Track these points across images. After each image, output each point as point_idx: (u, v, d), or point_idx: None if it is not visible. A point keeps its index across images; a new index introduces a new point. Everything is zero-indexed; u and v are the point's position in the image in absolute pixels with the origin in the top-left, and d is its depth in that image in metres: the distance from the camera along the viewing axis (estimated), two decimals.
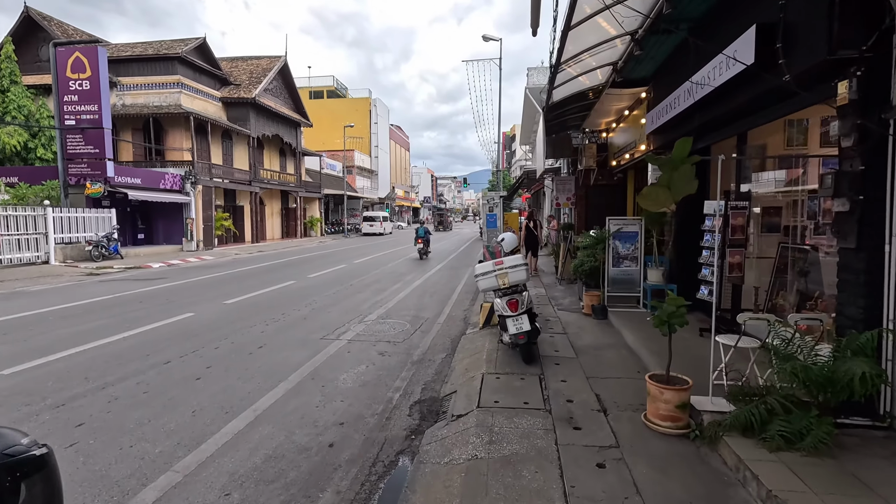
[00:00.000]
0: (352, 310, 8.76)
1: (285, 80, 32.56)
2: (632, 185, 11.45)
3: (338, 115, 49.36)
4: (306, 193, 36.15)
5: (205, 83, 26.19)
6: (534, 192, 31.00)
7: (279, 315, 8.29)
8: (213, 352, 6.11)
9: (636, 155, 8.82)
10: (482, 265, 5.11)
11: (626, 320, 6.74)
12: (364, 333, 7.10)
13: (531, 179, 23.81)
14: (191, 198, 22.79)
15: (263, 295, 10.40)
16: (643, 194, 3.54)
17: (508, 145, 59.85)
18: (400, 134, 70.06)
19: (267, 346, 6.38)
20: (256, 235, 29.15)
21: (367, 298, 9.96)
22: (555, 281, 11.55)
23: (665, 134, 6.80)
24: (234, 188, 27.37)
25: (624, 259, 7.55)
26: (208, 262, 18.09)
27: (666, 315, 3.57)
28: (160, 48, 24.87)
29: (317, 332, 7.17)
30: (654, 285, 7.24)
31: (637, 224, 7.46)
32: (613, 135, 11.14)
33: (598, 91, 8.44)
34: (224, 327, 7.38)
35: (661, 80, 7.07)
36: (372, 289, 11.22)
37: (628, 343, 5.87)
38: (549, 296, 9.60)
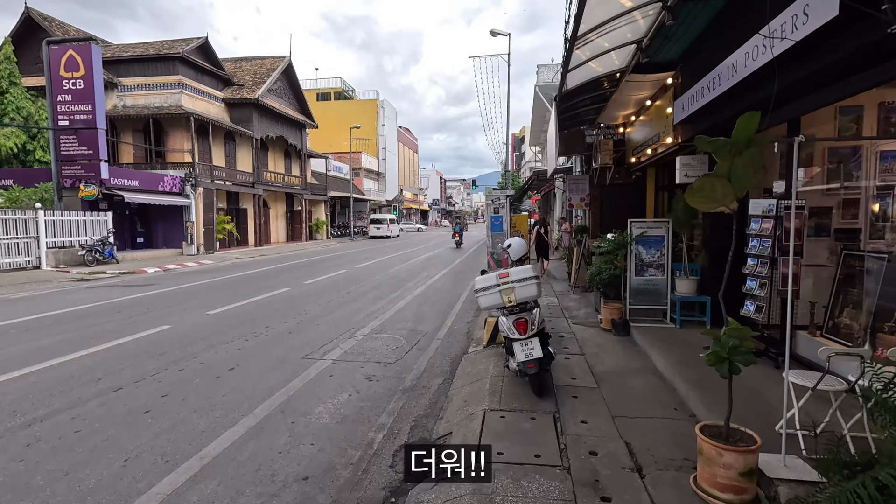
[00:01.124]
0: (343, 322, 7.93)
1: (290, 80, 32.00)
2: (652, 184, 10.51)
3: (345, 116, 48.80)
4: (312, 196, 35.55)
5: (207, 84, 25.66)
6: (544, 194, 30.06)
7: (262, 328, 7.49)
8: (175, 375, 5.31)
9: (659, 150, 7.90)
10: (483, 278, 4.24)
11: (653, 338, 5.83)
12: (352, 352, 6.26)
13: (541, 180, 22.88)
14: (191, 200, 22.20)
15: (251, 304, 9.62)
16: (693, 189, 2.66)
17: (518, 147, 58.93)
18: (408, 136, 69.42)
19: (239, 368, 5.57)
20: (260, 239, 28.54)
21: (362, 308, 9.13)
22: (568, 288, 10.64)
23: (697, 122, 5.89)
24: (236, 191, 26.79)
25: (648, 267, 6.64)
26: (206, 267, 17.42)
27: (726, 350, 2.69)
28: (161, 48, 24.38)
29: (300, 349, 6.35)
30: (684, 297, 6.32)
31: (663, 227, 6.56)
32: (631, 129, 10.21)
33: (616, 79, 7.55)
34: (197, 343, 6.60)
35: (691, 62, 6.17)
36: (369, 297, 10.40)
37: (658, 368, 4.96)
38: (563, 306, 8.70)
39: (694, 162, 6.37)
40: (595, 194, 11.79)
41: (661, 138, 7.62)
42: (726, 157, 2.60)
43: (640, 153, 9.14)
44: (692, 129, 6.13)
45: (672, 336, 5.93)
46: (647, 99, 8.24)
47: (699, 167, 6.35)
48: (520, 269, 4.15)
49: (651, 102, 8.23)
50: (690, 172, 6.39)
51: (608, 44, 6.20)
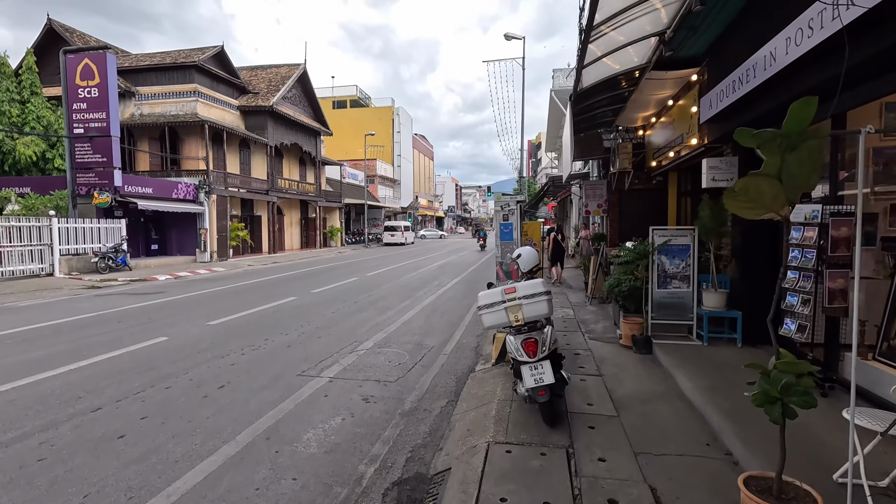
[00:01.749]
0: (346, 335, 7.56)
1: (305, 88, 32.08)
2: (674, 189, 9.95)
3: (360, 124, 48.93)
4: (326, 203, 35.51)
5: (222, 91, 25.81)
6: (560, 200, 29.49)
7: (261, 341, 7.15)
8: (161, 393, 4.98)
9: (682, 152, 7.38)
10: (487, 293, 3.80)
11: (678, 357, 5.31)
12: (352, 368, 5.87)
13: (557, 186, 22.34)
14: (204, 207, 22.22)
15: (255, 314, 9.32)
16: (735, 192, 2.21)
17: (534, 153, 58.37)
18: (423, 143, 69.41)
19: (230, 386, 5.21)
20: (274, 246, 28.50)
21: (368, 319, 8.75)
22: (584, 299, 10.12)
23: (726, 121, 5.39)
24: (251, 198, 26.81)
25: (672, 278, 6.12)
26: (217, 275, 17.30)
27: (778, 388, 2.21)
28: (178, 57, 24.60)
29: (297, 365, 5.98)
30: (711, 312, 5.78)
31: (689, 235, 6.04)
32: (651, 132, 9.69)
33: (635, 78, 7.08)
34: (191, 357, 6.28)
35: (719, 55, 5.68)
36: (377, 307, 10.02)
37: (685, 393, 4.45)
38: (579, 318, 8.19)
39: (722, 164, 5.85)
40: (613, 200, 11.27)
41: (684, 140, 7.11)
42: (775, 152, 2.14)
43: (662, 156, 8.61)
44: (720, 128, 5.62)
45: (699, 355, 5.39)
46: (668, 98, 7.74)
47: (728, 170, 5.83)
48: (529, 284, 3.69)
49: (673, 102, 7.72)
50: (718, 176, 5.87)
51: (625, 38, 5.75)
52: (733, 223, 5.93)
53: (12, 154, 20.52)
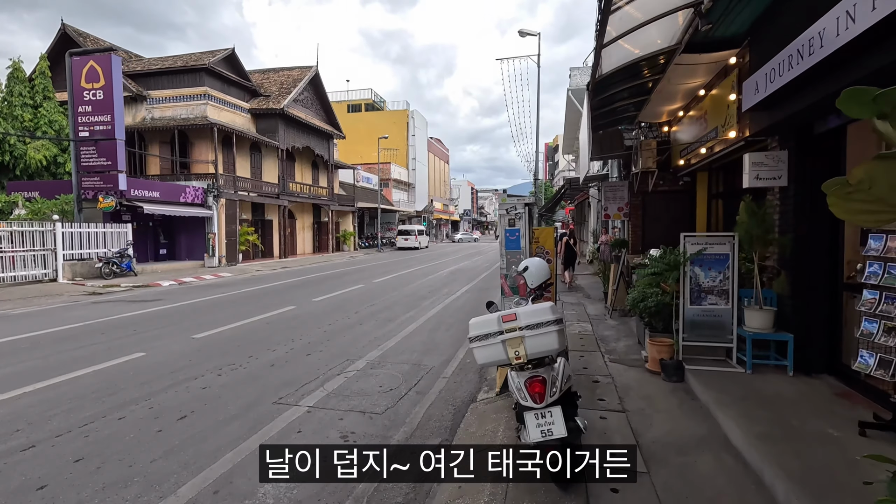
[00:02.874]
0: (339, 352, 6.85)
1: (317, 91, 31.74)
2: (704, 191, 9.03)
3: (375, 127, 48.53)
4: (339, 207, 35.10)
5: (233, 94, 25.55)
6: (577, 204, 28.49)
7: (244, 359, 6.49)
8: (110, 426, 4.32)
9: (717, 148, 6.51)
10: (479, 320, 3.01)
11: (717, 388, 4.45)
12: (336, 395, 5.14)
13: (574, 189, 21.41)
14: (213, 212, 21.88)
15: (246, 326, 8.68)
16: (849, 186, 1.36)
17: (551, 156, 57.31)
18: (439, 146, 68.86)
19: (193, 416, 4.54)
20: (285, 250, 28.12)
21: (366, 333, 8.04)
22: (604, 311, 9.25)
23: (777, 107, 4.54)
24: (261, 202, 26.48)
25: (708, 293, 5.25)
26: (223, 280, 16.84)
27: None
28: (189, 60, 24.42)
29: (276, 390, 5.28)
30: (756, 333, 4.91)
31: (727, 243, 5.17)
32: (678, 128, 8.81)
33: (661, 65, 6.24)
34: (161, 379, 5.63)
35: (766, 31, 4.82)
36: (378, 318, 9.31)
37: (732, 440, 3.60)
38: (598, 335, 7.34)
39: (768, 160, 4.99)
40: (635, 203, 10.38)
41: (719, 134, 6.24)
42: None
43: (691, 154, 7.73)
44: (767, 117, 4.76)
45: (743, 386, 4.53)
46: (699, 88, 6.87)
47: (775, 166, 4.96)
48: (533, 310, 2.89)
49: (706, 92, 6.85)
50: (764, 174, 5.00)
51: (650, 14, 4.94)
52: (781, 229, 5.05)
53: (23, 158, 20.47)
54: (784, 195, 5.04)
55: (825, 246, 4.71)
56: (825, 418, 3.69)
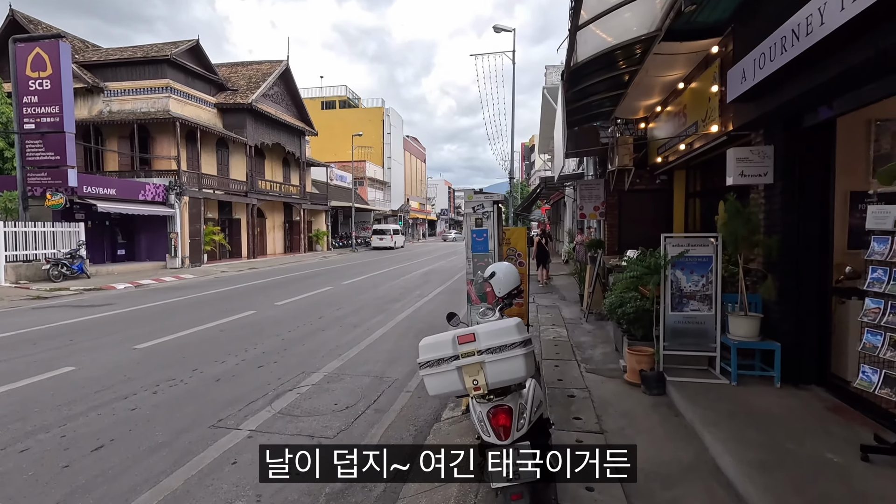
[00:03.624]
0: (296, 364, 6.28)
1: (288, 86, 30.76)
2: (681, 190, 8.76)
3: (350, 125, 47.60)
4: (311, 206, 34.18)
5: (198, 88, 24.46)
6: (553, 203, 28.36)
7: (188, 373, 5.86)
8: (8, 460, 3.67)
9: (696, 144, 6.18)
10: (430, 341, 2.45)
11: (704, 404, 4.08)
12: (285, 414, 4.59)
13: (549, 188, 21.17)
14: (175, 210, 20.83)
15: (198, 334, 8.01)
16: None
17: (527, 156, 57.36)
18: (415, 145, 68.21)
19: (112, 446, 3.92)
20: (254, 251, 27.12)
21: (328, 341, 7.47)
22: (580, 314, 8.89)
23: (760, 100, 4.19)
24: (229, 200, 25.45)
25: (690, 299, 4.89)
26: (184, 283, 15.95)
27: None
28: (149, 51, 23.26)
29: (217, 410, 4.70)
30: (742, 342, 4.56)
31: (710, 245, 4.82)
32: (655, 124, 8.51)
33: (638, 56, 5.88)
34: (85, 399, 4.97)
35: (752, 16, 4.47)
36: (343, 324, 8.74)
37: (723, 468, 3.20)
38: (574, 341, 6.95)
39: (754, 155, 4.64)
40: (611, 202, 10.06)
41: (699, 128, 5.91)
42: None
43: (669, 151, 7.42)
44: (753, 108, 4.41)
45: (730, 401, 4.17)
46: (679, 81, 6.54)
47: (761, 162, 4.62)
48: (495, 329, 2.36)
49: (685, 85, 6.53)
50: (749, 170, 4.66)
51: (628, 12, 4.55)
52: (767, 229, 4.72)
53: None
54: (770, 193, 4.71)
55: (815, 247, 4.39)
56: (821, 440, 3.34)
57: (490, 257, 4.30)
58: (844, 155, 4.27)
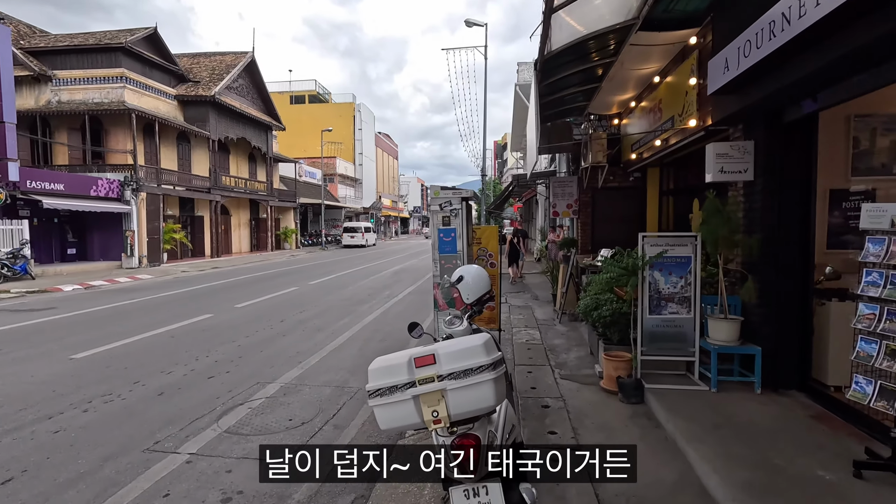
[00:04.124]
0: (250, 374, 5.79)
1: (253, 79, 29.71)
2: (655, 188, 8.62)
3: (320, 120, 46.48)
4: (279, 203, 33.17)
5: (156, 79, 23.27)
6: (525, 201, 28.32)
7: (128, 386, 5.31)
8: None
9: (672, 140, 5.98)
10: (381, 364, 2.02)
11: (683, 413, 3.84)
12: (233, 433, 4.14)
13: (522, 186, 21.03)
14: (131, 207, 19.74)
15: (146, 340, 7.40)
16: None
17: (500, 154, 57.43)
18: (387, 142, 67.39)
19: (21, 479, 3.40)
20: (218, 249, 26.07)
21: (288, 347, 7.00)
22: (553, 316, 8.66)
23: (742, 92, 3.96)
24: (190, 196, 24.37)
25: (668, 301, 4.66)
26: (139, 284, 15.05)
27: None
28: (103, 38, 21.95)
29: (155, 429, 4.20)
30: (722, 347, 4.35)
31: (690, 244, 4.59)
32: (629, 120, 8.33)
33: (612, 49, 5.63)
34: (3, 420, 4.39)
35: (733, 6, 4.25)
36: (306, 328, 8.26)
37: (709, 489, 2.94)
38: (547, 344, 6.68)
39: (734, 151, 4.44)
40: (585, 200, 9.87)
41: (676, 123, 5.70)
42: None
43: (643, 147, 7.23)
44: (736, 101, 4.20)
45: (711, 409, 3.94)
46: (654, 74, 6.33)
47: (741, 158, 4.42)
48: (459, 349, 1.96)
49: (660, 79, 6.32)
50: (729, 166, 4.45)
51: None
52: (747, 228, 4.52)
53: None
54: (750, 191, 4.52)
55: (796, 247, 4.21)
56: (811, 454, 3.13)
57: (458, 258, 3.96)
58: (826, 150, 4.11)
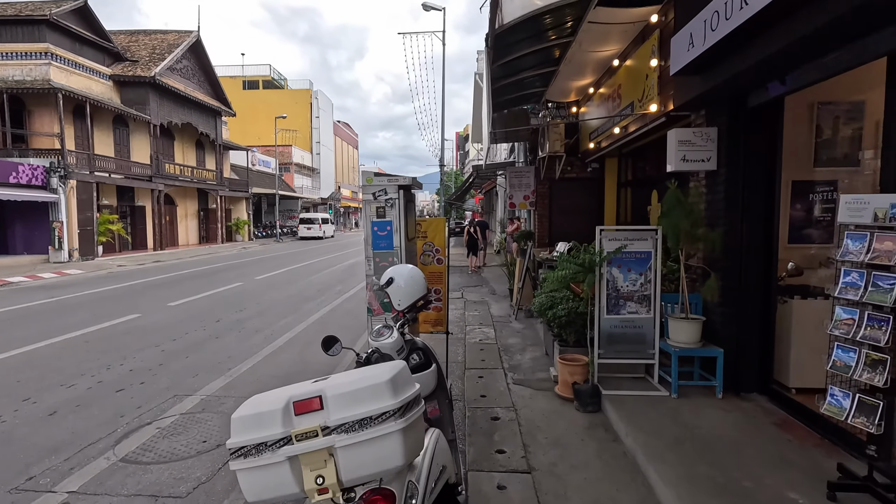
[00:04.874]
0: (169, 384, 5.11)
1: (200, 60, 27.94)
2: (613, 179, 8.37)
3: (274, 107, 44.51)
4: (230, 193, 31.56)
5: (88, 56, 21.41)
6: (486, 192, 28.03)
7: (16, 403, 4.54)
8: None
9: (631, 128, 5.66)
10: (249, 409, 1.45)
11: (643, 423, 3.50)
12: (129, 462, 3.50)
13: (482, 177, 20.66)
14: (59, 196, 18.11)
15: (50, 348, 6.52)
16: None
17: (462, 146, 57.03)
18: (347, 131, 65.70)
19: None
20: (162, 241, 24.44)
21: (218, 351, 6.31)
22: (510, 311, 8.29)
23: (716, 68, 3.62)
24: (130, 185, 22.71)
25: (627, 300, 4.32)
26: (66, 280, 13.73)
27: None
28: (23, 10, 19.92)
29: (33, 461, 3.51)
30: (683, 349, 4.04)
31: (650, 239, 4.25)
32: (587, 109, 8.02)
33: (572, 25, 5.23)
34: None
35: None
36: (244, 329, 7.57)
37: None
38: (501, 344, 6.29)
39: (697, 138, 4.11)
40: (542, 191, 9.54)
41: (636, 109, 5.37)
42: None
43: (602, 136, 6.91)
44: (700, 83, 3.85)
45: (673, 419, 3.62)
46: (614, 57, 5.98)
47: (704, 146, 4.10)
48: (356, 387, 1.43)
49: (619, 63, 5.98)
50: (691, 154, 4.13)
51: None
52: (710, 222, 4.22)
53: None
54: (712, 181, 4.22)
55: (759, 242, 3.94)
56: (780, 471, 2.83)
57: (395, 255, 3.44)
58: (789, 141, 3.83)
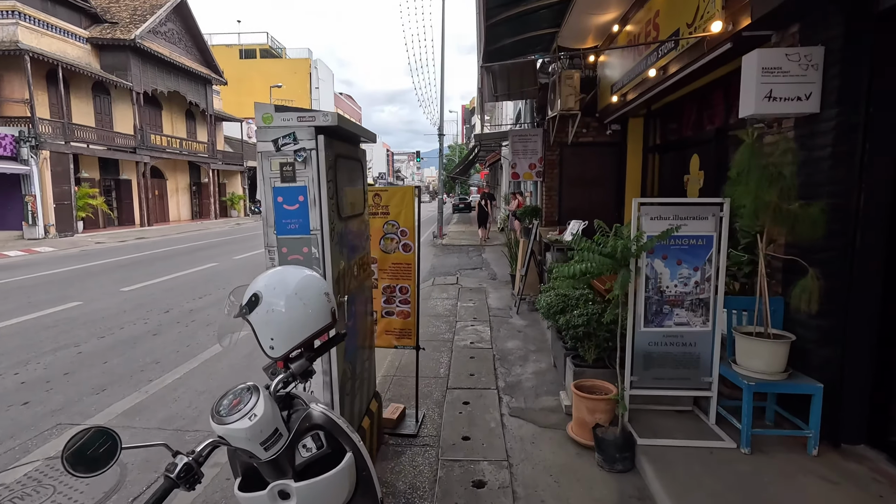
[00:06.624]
0: (65, 402, 3.90)
1: (187, 24, 26.18)
2: (637, 143, 6.91)
3: (272, 77, 42.61)
4: (224, 166, 30.18)
5: (61, 16, 19.83)
6: (490, 165, 26.49)
7: None
8: None
9: (671, 69, 4.21)
10: None
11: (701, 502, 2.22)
12: None
13: (485, 148, 19.14)
14: (31, 167, 16.87)
15: None
16: None
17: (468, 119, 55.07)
18: (349, 103, 63.63)
19: None
20: (150, 217, 23.23)
21: (151, 352, 5.10)
22: (510, 304, 7.00)
23: None
24: (113, 157, 21.39)
25: (675, 306, 2.99)
26: (33, 259, 12.61)
27: None
28: None
29: None
30: (763, 382, 2.72)
31: (712, 217, 2.90)
32: (609, 57, 6.52)
33: None
34: None
35: None
36: (193, 322, 6.35)
37: None
38: (497, 350, 4.99)
39: (793, 63, 2.69)
40: (551, 159, 8.08)
41: (683, 36, 3.92)
42: None
43: (629, 86, 5.45)
44: None
45: (750, 492, 2.34)
46: None
47: (803, 75, 2.69)
48: None
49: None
50: (783, 90, 2.72)
51: None
52: (805, 193, 2.82)
53: None
54: (810, 130, 2.82)
55: (883, 223, 2.58)
56: None
57: (314, 243, 2.11)
58: None
